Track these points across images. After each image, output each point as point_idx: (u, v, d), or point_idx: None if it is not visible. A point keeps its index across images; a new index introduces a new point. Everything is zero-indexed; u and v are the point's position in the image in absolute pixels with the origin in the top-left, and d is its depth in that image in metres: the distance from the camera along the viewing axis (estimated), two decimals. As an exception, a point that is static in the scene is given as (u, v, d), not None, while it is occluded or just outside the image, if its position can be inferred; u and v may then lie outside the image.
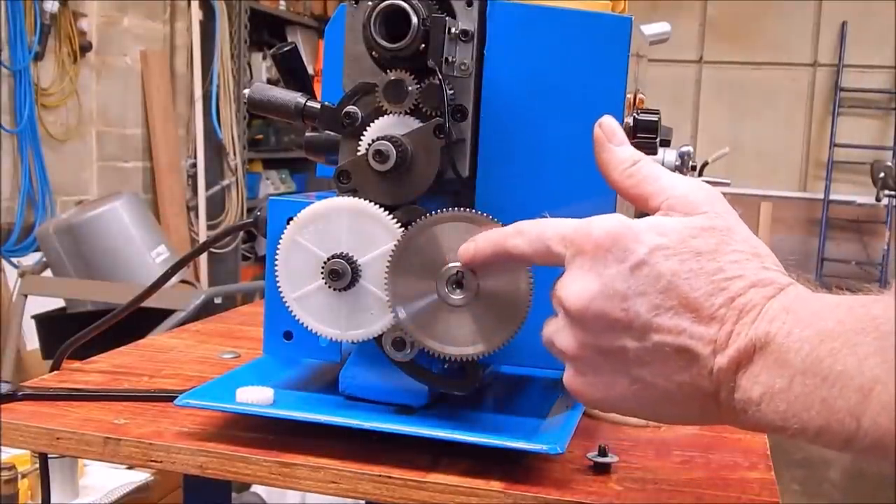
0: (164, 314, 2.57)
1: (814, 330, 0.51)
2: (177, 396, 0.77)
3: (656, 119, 0.78)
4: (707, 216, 0.57)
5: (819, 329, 0.51)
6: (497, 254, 0.64)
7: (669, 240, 0.56)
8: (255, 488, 2.54)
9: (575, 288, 0.57)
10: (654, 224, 0.57)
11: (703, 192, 0.59)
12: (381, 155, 0.71)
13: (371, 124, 0.74)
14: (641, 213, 0.68)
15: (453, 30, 0.73)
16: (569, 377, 0.60)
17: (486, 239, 0.65)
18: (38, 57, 3.66)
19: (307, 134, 0.83)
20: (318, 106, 0.75)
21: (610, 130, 0.63)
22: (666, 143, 1.02)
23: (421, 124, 0.72)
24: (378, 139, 0.71)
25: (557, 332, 0.60)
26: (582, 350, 0.58)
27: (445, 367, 0.75)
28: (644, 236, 0.56)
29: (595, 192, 0.74)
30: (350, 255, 0.73)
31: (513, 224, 0.64)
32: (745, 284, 0.54)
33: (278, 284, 0.74)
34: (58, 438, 0.77)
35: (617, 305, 0.56)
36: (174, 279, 1.59)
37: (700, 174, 1.59)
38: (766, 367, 0.52)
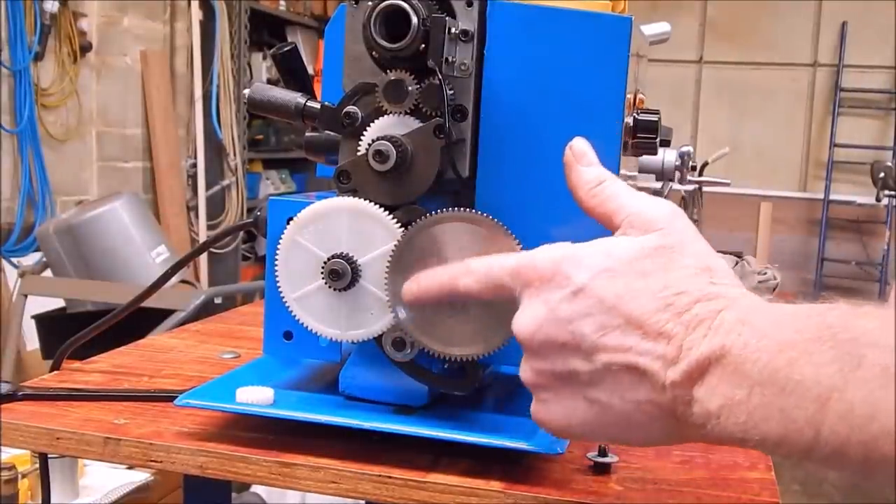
0: (164, 314, 2.57)
1: (771, 340, 0.51)
2: (177, 396, 0.77)
3: (656, 119, 0.78)
4: (660, 234, 0.58)
5: (777, 339, 0.51)
6: (444, 293, 0.65)
7: (616, 261, 0.57)
8: (255, 488, 2.54)
9: (524, 317, 0.59)
10: (601, 248, 0.58)
11: (661, 209, 0.59)
12: (381, 155, 0.71)
13: (371, 124, 0.74)
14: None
15: (453, 30, 0.73)
16: (533, 408, 0.61)
17: (432, 279, 0.66)
18: (38, 57, 3.66)
19: (307, 134, 0.83)
20: (318, 106, 0.75)
21: (580, 152, 0.64)
22: (666, 143, 1.02)
23: (421, 124, 0.72)
24: (378, 139, 0.71)
25: (521, 365, 0.61)
26: (539, 377, 0.59)
27: (445, 367, 0.75)
28: (588, 261, 0.57)
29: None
30: (350, 255, 0.73)
31: (462, 263, 0.65)
32: (691, 300, 0.55)
33: (278, 284, 0.74)
34: (58, 438, 0.77)
35: (563, 329, 0.56)
36: (174, 279, 1.59)
37: (700, 174, 1.59)
38: (724, 378, 0.52)
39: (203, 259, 4.43)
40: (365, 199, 0.73)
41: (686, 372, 0.53)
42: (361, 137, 0.74)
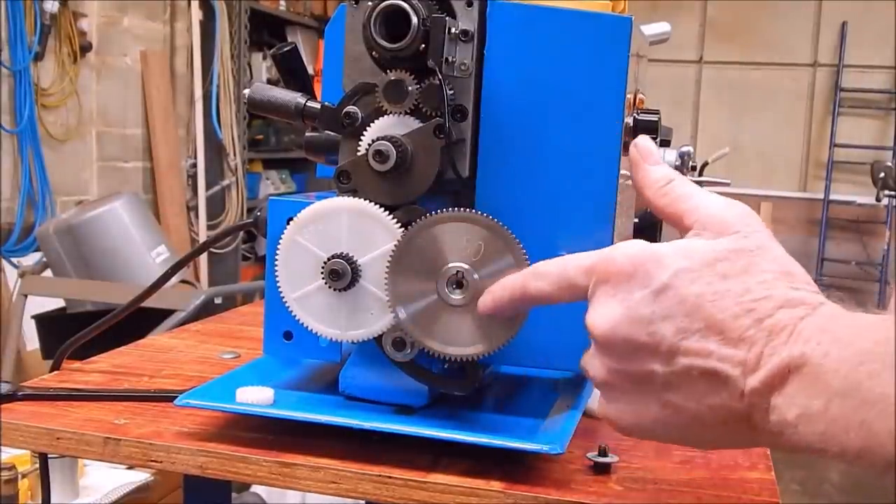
0: (164, 314, 2.57)
1: (851, 350, 0.50)
2: (177, 396, 0.77)
3: (656, 119, 0.78)
4: (737, 237, 0.57)
5: (857, 350, 0.50)
6: (517, 299, 0.64)
7: (695, 263, 0.55)
8: (255, 488, 2.54)
9: (600, 315, 0.57)
10: (679, 247, 0.57)
11: (735, 210, 0.58)
12: (381, 155, 0.71)
13: (371, 124, 0.74)
14: (644, 212, 0.67)
15: (453, 30, 0.73)
16: (602, 404, 0.60)
17: (504, 287, 0.65)
18: (38, 57, 3.66)
19: (307, 134, 0.83)
20: (318, 106, 0.75)
21: (646, 151, 0.63)
22: (666, 144, 1.02)
23: (421, 124, 0.72)
24: (378, 139, 0.71)
25: (589, 360, 0.60)
26: (611, 376, 0.58)
27: (445, 367, 0.75)
28: (668, 260, 0.56)
29: (594, 191, 0.75)
30: (350, 255, 0.73)
31: (530, 268, 0.64)
32: (774, 305, 0.54)
33: (278, 284, 0.74)
34: (58, 438, 0.77)
35: (642, 330, 0.55)
36: (174, 279, 1.59)
37: (700, 174, 1.59)
38: (803, 388, 0.51)
39: (203, 259, 4.43)
40: (365, 199, 0.73)
41: (765, 380, 0.52)
42: (361, 137, 0.74)
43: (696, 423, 0.56)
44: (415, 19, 0.69)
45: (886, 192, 5.90)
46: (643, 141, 0.64)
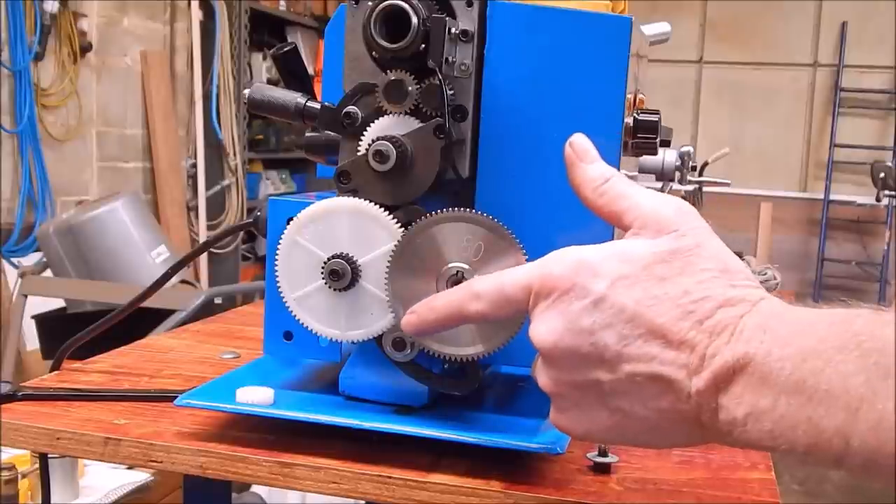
0: (164, 314, 2.57)
1: (795, 348, 0.51)
2: (177, 396, 0.77)
3: (656, 119, 0.78)
4: (675, 236, 0.56)
5: (800, 347, 0.51)
6: (452, 321, 0.64)
7: (632, 268, 0.55)
8: (255, 488, 2.54)
9: (543, 329, 0.57)
10: (616, 252, 0.57)
11: (673, 208, 0.58)
12: (381, 155, 0.71)
13: (371, 124, 0.74)
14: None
15: (453, 30, 0.73)
16: (553, 414, 0.60)
17: (433, 309, 0.64)
18: (38, 57, 3.66)
19: (307, 134, 0.83)
20: (318, 106, 0.75)
21: (581, 149, 0.62)
22: (666, 144, 1.02)
23: (421, 124, 0.72)
24: (378, 139, 0.71)
25: (538, 372, 0.60)
26: (558, 387, 0.58)
27: (445, 367, 0.75)
28: (604, 269, 0.56)
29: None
30: (350, 255, 0.73)
31: (465, 287, 0.63)
32: (713, 305, 0.54)
33: (278, 284, 0.74)
34: (58, 438, 0.77)
35: (585, 340, 0.55)
36: (174, 279, 1.59)
37: (700, 174, 1.59)
38: (749, 387, 0.52)
39: (203, 259, 4.43)
40: (365, 199, 0.73)
41: (710, 380, 0.53)
42: (361, 137, 0.74)
43: (646, 426, 0.56)
44: (415, 19, 0.69)
45: (886, 192, 5.90)
46: (578, 139, 0.63)
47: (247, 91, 0.78)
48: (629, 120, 0.77)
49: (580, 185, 0.62)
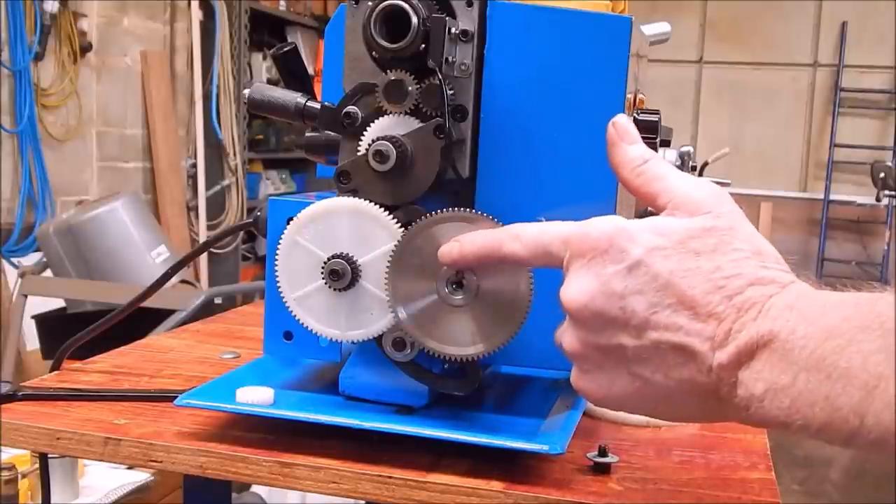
0: (164, 314, 2.57)
1: (818, 327, 0.51)
2: (177, 396, 0.77)
3: (657, 119, 0.78)
4: (710, 216, 0.57)
5: (824, 326, 0.51)
6: (489, 257, 0.64)
7: (667, 240, 0.56)
8: (255, 488, 2.54)
9: (574, 288, 0.58)
10: (652, 225, 0.58)
11: (708, 191, 0.59)
12: (381, 155, 0.71)
13: (371, 124, 0.74)
14: (643, 212, 0.67)
15: (453, 30, 0.73)
16: (574, 375, 0.61)
17: (475, 243, 0.65)
18: (38, 57, 3.66)
19: (307, 134, 0.83)
20: (318, 106, 0.75)
21: (623, 129, 0.63)
22: (666, 144, 1.02)
23: (421, 124, 0.72)
24: (378, 139, 0.71)
25: (563, 333, 0.60)
26: (583, 348, 0.59)
27: (445, 367, 0.75)
28: (641, 237, 0.57)
29: (594, 191, 0.75)
30: (350, 255, 0.73)
31: (508, 227, 0.64)
32: (744, 282, 0.55)
33: (278, 284, 0.74)
34: (58, 438, 0.77)
35: (615, 304, 0.56)
36: (174, 279, 1.59)
37: (700, 174, 1.59)
38: (770, 363, 0.52)
39: (203, 259, 4.43)
40: (365, 199, 0.73)
41: (733, 355, 0.53)
42: (361, 137, 0.74)
43: (664, 395, 0.57)
44: (415, 19, 0.69)
45: (886, 192, 5.90)
46: (621, 119, 0.64)
47: (247, 91, 0.78)
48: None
49: (619, 164, 0.63)
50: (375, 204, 0.73)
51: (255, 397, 0.76)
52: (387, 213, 0.72)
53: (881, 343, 0.49)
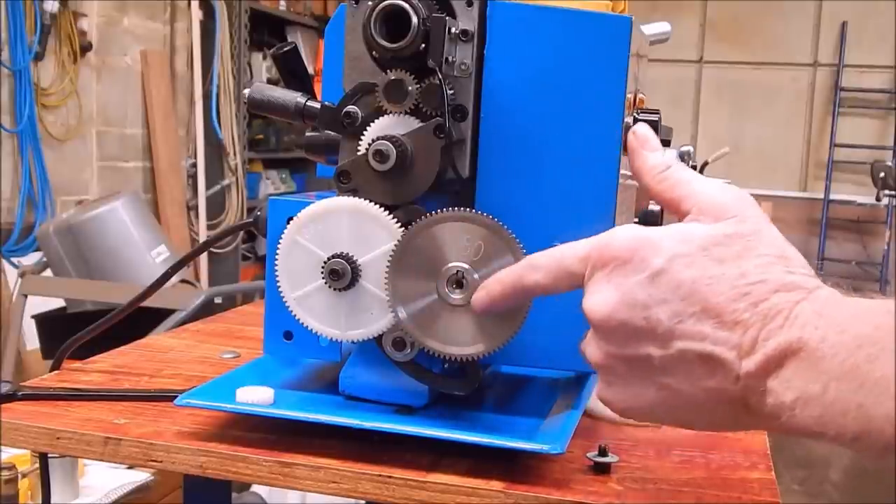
0: (164, 314, 2.57)
1: (850, 335, 0.51)
2: (177, 396, 0.77)
3: (657, 119, 0.78)
4: (734, 221, 0.57)
5: (855, 334, 0.51)
6: (513, 294, 0.64)
7: (690, 247, 0.56)
8: (256, 488, 2.54)
9: (597, 300, 0.57)
10: (675, 232, 0.57)
11: (732, 195, 0.59)
12: (381, 155, 0.71)
13: (371, 124, 0.74)
14: (644, 212, 0.67)
15: (453, 30, 0.73)
16: (599, 387, 0.60)
17: (499, 282, 0.65)
18: (38, 57, 3.66)
19: (307, 134, 0.83)
20: (318, 106, 0.75)
21: (643, 137, 0.64)
22: (666, 143, 1.02)
23: (421, 124, 0.72)
24: (378, 139, 0.71)
25: (587, 344, 0.60)
26: (608, 360, 0.58)
27: (445, 367, 0.75)
28: (664, 244, 0.56)
29: (594, 191, 0.75)
30: (350, 255, 0.73)
31: (524, 260, 0.64)
32: (769, 289, 0.54)
33: (278, 284, 0.74)
34: (58, 438, 0.77)
35: (638, 314, 0.55)
36: (174, 279, 1.59)
37: (700, 174, 1.59)
38: (800, 371, 0.52)
39: (203, 259, 4.43)
40: (365, 199, 0.73)
41: (761, 363, 0.53)
42: (361, 137, 0.74)
43: (692, 405, 0.56)
44: (415, 19, 0.69)
45: (886, 191, 5.90)
46: (641, 128, 0.64)
47: (247, 91, 0.78)
48: (629, 119, 0.77)
49: (641, 171, 0.63)
50: (375, 204, 0.73)
51: (255, 397, 0.76)
52: (387, 212, 0.72)
53: None
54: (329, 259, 0.73)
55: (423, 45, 0.70)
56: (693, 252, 0.56)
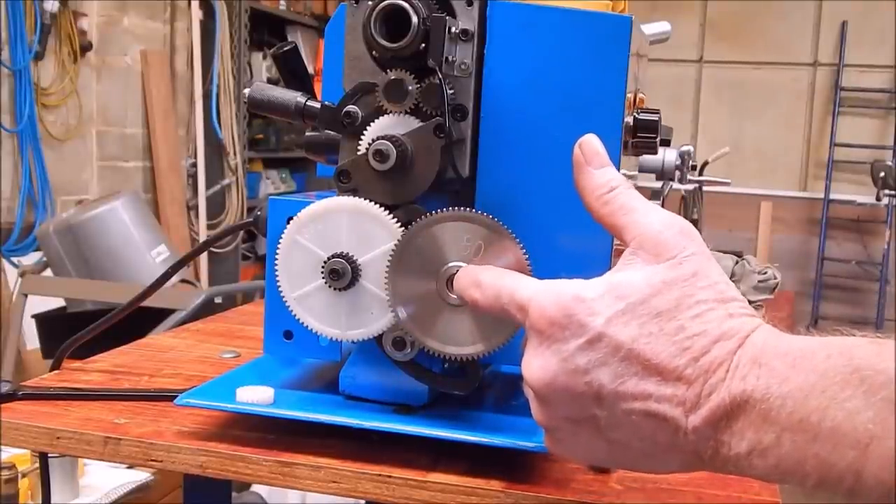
0: (164, 314, 2.57)
1: (794, 385, 0.50)
2: (177, 396, 0.77)
3: (656, 118, 0.78)
4: (670, 265, 0.55)
5: (800, 384, 0.50)
6: (462, 296, 0.65)
7: (627, 304, 0.54)
8: (256, 488, 2.54)
9: (536, 367, 0.56)
10: (612, 287, 0.55)
11: (674, 231, 0.57)
12: (381, 155, 0.71)
13: (371, 124, 0.74)
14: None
15: (453, 29, 0.73)
16: (547, 443, 0.60)
17: (459, 280, 0.66)
18: (38, 57, 3.66)
19: (307, 134, 0.83)
20: (318, 106, 0.75)
21: (591, 152, 0.61)
22: (666, 143, 1.02)
23: (421, 124, 0.72)
24: (378, 139, 0.71)
25: (530, 403, 0.59)
26: (553, 422, 0.58)
27: (445, 366, 0.75)
28: (599, 306, 0.55)
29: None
30: (350, 254, 0.73)
31: (475, 269, 0.64)
32: (709, 340, 0.53)
33: (278, 284, 0.74)
34: (58, 438, 0.78)
35: (579, 380, 0.55)
36: (174, 279, 1.59)
37: (700, 173, 1.59)
38: (751, 423, 0.51)
39: (203, 259, 4.43)
40: (365, 199, 0.73)
41: (707, 418, 0.52)
42: (361, 137, 0.74)
43: (644, 456, 0.56)
44: (415, 19, 0.69)
45: (886, 191, 5.90)
46: (589, 140, 0.61)
47: (247, 90, 0.78)
48: (629, 119, 0.77)
49: (584, 190, 0.60)
50: (375, 203, 0.73)
51: (255, 397, 0.76)
52: (387, 212, 0.72)
53: (866, 400, 0.48)
54: (329, 259, 0.73)
55: (423, 45, 0.70)
56: (630, 309, 0.54)
